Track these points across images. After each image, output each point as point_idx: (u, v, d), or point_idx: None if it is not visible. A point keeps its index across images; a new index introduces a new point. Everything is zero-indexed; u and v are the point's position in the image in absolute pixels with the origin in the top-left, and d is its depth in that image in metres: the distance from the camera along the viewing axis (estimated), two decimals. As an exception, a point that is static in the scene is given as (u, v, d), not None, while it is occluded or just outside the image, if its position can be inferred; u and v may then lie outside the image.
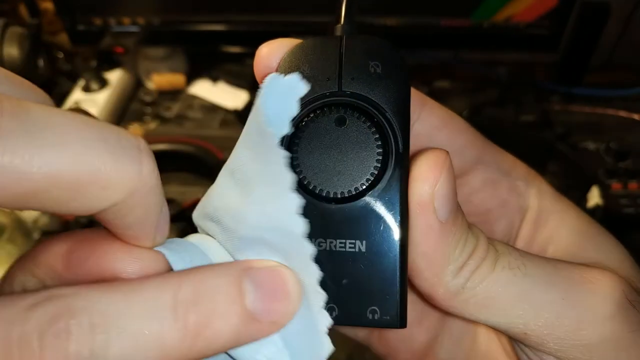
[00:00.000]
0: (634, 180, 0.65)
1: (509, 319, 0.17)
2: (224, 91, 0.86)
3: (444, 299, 0.18)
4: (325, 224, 0.17)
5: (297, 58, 0.18)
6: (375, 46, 0.18)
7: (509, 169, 0.21)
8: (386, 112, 0.17)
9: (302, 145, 0.17)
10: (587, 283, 0.17)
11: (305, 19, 0.72)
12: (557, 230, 0.21)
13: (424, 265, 0.17)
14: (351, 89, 0.17)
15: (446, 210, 0.17)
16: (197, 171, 0.73)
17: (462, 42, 0.75)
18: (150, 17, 0.75)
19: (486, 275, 0.17)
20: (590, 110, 0.81)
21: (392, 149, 0.17)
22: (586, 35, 0.77)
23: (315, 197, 0.17)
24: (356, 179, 0.17)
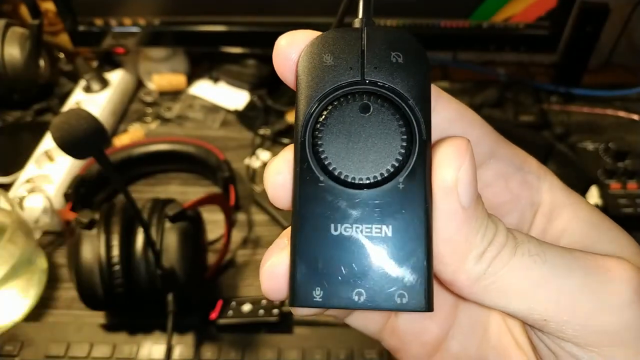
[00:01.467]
0: (633, 180, 0.65)
1: (529, 305, 0.17)
2: (224, 91, 0.87)
3: (466, 285, 0.18)
4: (351, 210, 0.18)
5: (319, 49, 0.18)
6: (396, 37, 0.18)
7: (521, 163, 0.21)
8: (409, 100, 0.18)
9: (326, 132, 0.18)
10: (605, 270, 0.18)
11: (305, 20, 0.73)
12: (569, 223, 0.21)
13: (447, 251, 0.17)
14: (374, 77, 0.18)
15: (469, 196, 0.17)
16: (197, 171, 0.73)
17: (462, 43, 0.75)
18: (151, 17, 0.75)
19: (507, 261, 0.17)
20: (589, 111, 0.81)
21: (416, 135, 0.18)
22: (585, 35, 0.77)
23: (340, 182, 0.18)
24: (381, 164, 0.18)
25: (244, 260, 0.63)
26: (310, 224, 0.18)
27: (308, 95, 0.18)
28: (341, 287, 0.17)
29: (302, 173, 0.18)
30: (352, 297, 0.17)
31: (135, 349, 0.53)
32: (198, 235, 0.55)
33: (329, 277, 0.17)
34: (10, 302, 0.57)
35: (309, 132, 0.18)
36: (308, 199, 0.18)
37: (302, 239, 0.18)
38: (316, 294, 0.17)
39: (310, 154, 0.18)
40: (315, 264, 0.17)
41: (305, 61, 0.18)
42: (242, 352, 0.52)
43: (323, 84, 0.18)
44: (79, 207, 0.61)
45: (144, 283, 0.51)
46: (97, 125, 0.35)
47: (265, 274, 0.19)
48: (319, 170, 0.18)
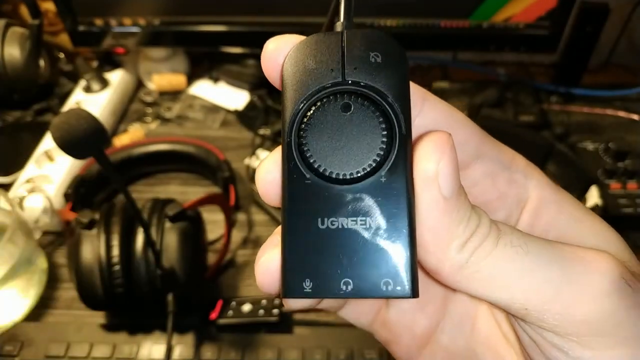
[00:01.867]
0: (633, 180, 0.65)
1: (510, 294, 0.18)
2: (224, 91, 0.87)
3: (449, 273, 0.18)
4: (337, 204, 0.18)
5: (302, 53, 0.19)
6: (374, 38, 0.19)
7: (508, 162, 0.22)
8: (388, 97, 0.18)
9: (311, 132, 0.19)
10: (585, 262, 0.18)
11: (304, 20, 0.73)
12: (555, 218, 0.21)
13: (430, 240, 0.18)
14: (354, 78, 0.19)
15: (450, 187, 0.18)
16: (197, 171, 0.73)
17: (462, 43, 0.75)
18: (151, 17, 0.75)
19: (489, 251, 0.18)
20: (589, 111, 0.81)
21: (396, 131, 0.18)
22: (585, 35, 0.77)
23: (326, 179, 0.19)
24: (364, 160, 0.18)
25: (244, 260, 0.63)
26: (298, 219, 0.19)
27: (293, 98, 0.19)
28: (329, 278, 0.18)
29: (290, 171, 0.19)
30: (340, 286, 0.18)
31: (135, 349, 0.53)
32: (198, 235, 0.55)
33: (317, 269, 0.18)
34: (10, 302, 0.57)
35: (295, 132, 0.19)
36: (296, 195, 0.19)
37: (291, 234, 0.19)
38: (306, 285, 0.18)
39: (297, 153, 0.19)
40: (304, 257, 0.18)
41: (289, 65, 0.19)
42: (242, 352, 0.52)
43: (306, 86, 0.19)
44: (79, 207, 0.61)
45: (144, 283, 0.51)
46: (97, 125, 0.35)
47: (259, 269, 0.19)
48: (305, 168, 0.19)
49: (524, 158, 0.22)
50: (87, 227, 0.51)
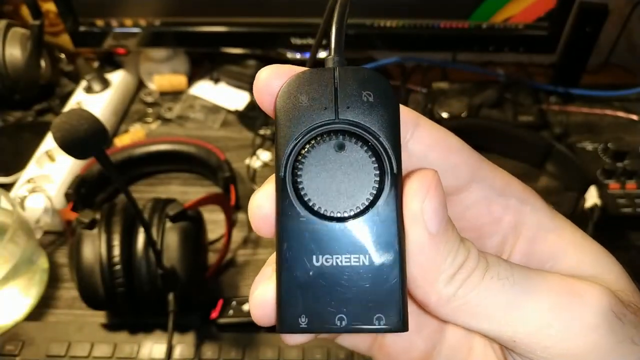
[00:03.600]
0: (632, 180, 0.65)
1: (498, 326, 0.18)
2: (225, 92, 0.87)
3: (437, 306, 0.19)
4: (331, 241, 0.19)
5: (295, 89, 0.19)
6: (366, 76, 0.19)
7: (503, 187, 0.22)
8: (380, 137, 0.19)
9: (305, 170, 0.19)
10: (574, 294, 0.18)
11: (304, 20, 0.73)
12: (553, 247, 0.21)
13: (418, 274, 0.19)
14: (347, 117, 0.19)
15: (435, 223, 0.18)
16: (198, 171, 0.73)
17: (461, 43, 0.75)
18: (152, 18, 0.75)
19: (476, 284, 0.18)
20: (588, 111, 0.82)
21: (388, 170, 0.19)
22: (584, 36, 0.78)
23: (320, 217, 0.19)
24: (357, 198, 0.19)
25: (244, 260, 0.63)
26: (294, 257, 0.19)
27: (287, 135, 0.19)
28: (324, 314, 0.19)
29: (284, 208, 0.19)
30: (335, 322, 0.19)
31: (136, 349, 0.53)
32: (199, 235, 0.55)
33: (312, 305, 0.19)
34: (11, 302, 0.57)
35: (289, 169, 0.19)
36: (290, 232, 0.19)
37: (286, 270, 0.19)
38: (302, 320, 0.19)
39: (291, 190, 0.19)
40: (299, 293, 0.19)
41: (282, 101, 0.19)
42: (243, 351, 0.53)
43: (300, 123, 0.19)
44: (80, 207, 0.62)
45: (145, 283, 0.51)
46: (98, 126, 0.35)
47: (254, 303, 0.20)
48: (299, 206, 0.19)
49: (521, 182, 0.22)
50: (88, 227, 0.51)
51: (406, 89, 0.85)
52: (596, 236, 0.22)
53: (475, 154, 0.21)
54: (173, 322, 0.50)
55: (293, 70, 0.20)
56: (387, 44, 0.75)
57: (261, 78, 0.20)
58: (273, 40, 0.76)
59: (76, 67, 0.85)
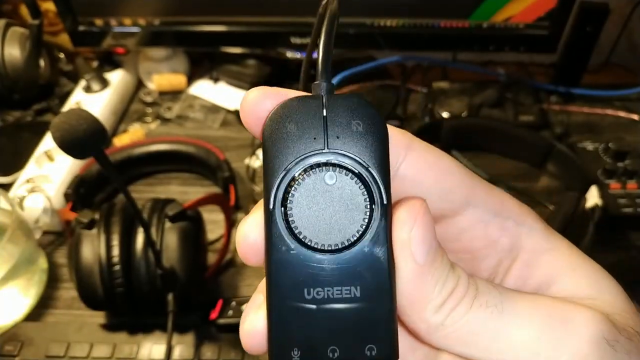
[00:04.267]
0: (633, 180, 0.65)
1: (487, 354, 0.18)
2: (224, 91, 0.87)
3: (427, 334, 0.19)
4: (322, 274, 0.19)
5: (282, 118, 0.19)
6: (355, 105, 0.19)
7: (499, 209, 0.21)
8: (369, 167, 0.19)
9: (295, 202, 0.19)
10: (564, 322, 0.18)
11: (304, 20, 0.73)
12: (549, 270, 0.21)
13: (407, 304, 0.19)
14: (337, 147, 0.19)
15: (423, 253, 0.18)
16: (197, 171, 0.73)
17: (461, 43, 0.75)
18: (151, 18, 0.75)
19: (464, 312, 0.18)
20: (589, 111, 0.81)
21: (377, 201, 0.19)
22: (585, 35, 0.77)
23: (311, 249, 0.19)
24: (347, 230, 0.19)
25: (244, 260, 0.63)
26: (284, 290, 0.19)
27: (275, 165, 0.19)
28: (316, 347, 0.19)
29: (274, 241, 0.19)
30: (327, 354, 0.19)
31: (135, 349, 0.53)
32: (198, 235, 0.55)
33: (304, 338, 0.19)
34: (10, 302, 0.57)
35: (279, 201, 0.19)
36: (280, 265, 0.19)
37: (277, 304, 0.19)
38: (294, 354, 0.19)
39: (281, 223, 0.19)
40: (291, 328, 0.19)
41: (270, 129, 0.19)
42: (242, 351, 0.52)
43: (289, 153, 0.19)
44: (79, 207, 0.61)
45: (144, 283, 0.51)
46: (97, 125, 0.35)
47: (244, 333, 0.20)
48: (290, 238, 0.19)
49: (516, 200, 0.22)
50: (87, 227, 0.51)
51: (406, 88, 0.85)
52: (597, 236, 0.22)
53: (470, 174, 0.21)
54: (172, 323, 0.50)
55: (280, 93, 0.19)
56: (387, 43, 0.75)
57: (247, 100, 0.19)
58: (273, 39, 0.76)
59: (75, 67, 0.85)
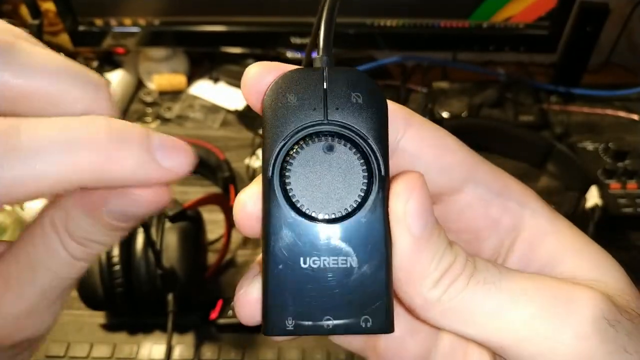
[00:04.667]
0: (633, 180, 0.65)
1: (484, 332, 0.18)
2: (224, 91, 0.87)
3: (423, 310, 0.19)
4: (318, 243, 0.19)
5: (283, 88, 0.19)
6: (355, 78, 0.19)
7: (501, 189, 0.21)
8: (368, 139, 0.19)
9: (293, 171, 0.19)
10: (565, 301, 0.18)
11: (304, 20, 0.73)
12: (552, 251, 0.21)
13: (403, 277, 0.19)
14: (336, 118, 0.19)
15: (419, 226, 0.18)
16: (197, 171, 0.73)
17: (461, 43, 0.75)
18: (151, 18, 0.75)
19: (461, 289, 0.18)
20: (589, 111, 0.81)
21: (375, 172, 0.19)
22: (585, 35, 0.77)
23: (308, 218, 0.19)
24: (345, 200, 0.19)
25: (244, 260, 0.63)
26: (281, 258, 0.19)
27: (274, 135, 0.19)
28: (311, 316, 0.19)
29: (271, 209, 0.19)
30: (322, 324, 0.19)
31: (135, 349, 0.53)
32: (198, 235, 0.55)
33: (299, 307, 0.19)
34: (10, 302, 0.57)
35: (277, 170, 0.19)
36: (278, 234, 0.19)
37: (273, 273, 0.19)
38: (288, 323, 0.19)
39: (279, 191, 0.19)
40: (286, 296, 0.19)
41: (270, 100, 0.19)
42: (242, 352, 0.52)
43: (288, 123, 0.19)
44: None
45: (144, 283, 0.51)
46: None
47: (238, 302, 0.20)
48: (287, 207, 0.19)
49: (520, 183, 0.22)
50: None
51: (406, 88, 0.85)
52: (597, 236, 0.22)
53: (472, 153, 0.21)
54: (172, 323, 0.50)
55: (281, 67, 0.19)
56: (387, 43, 0.75)
57: (249, 75, 0.20)
58: (273, 39, 0.76)
59: (75, 67, 0.84)
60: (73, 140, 0.16)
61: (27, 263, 0.18)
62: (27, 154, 0.15)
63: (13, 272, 0.19)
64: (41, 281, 0.19)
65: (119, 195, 0.17)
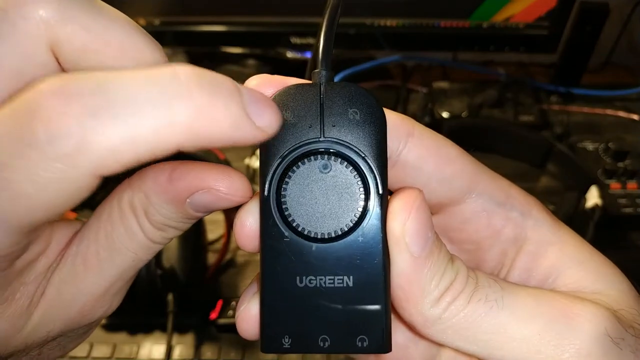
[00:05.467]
0: (633, 180, 0.65)
1: (486, 350, 0.18)
2: (224, 92, 0.87)
3: (423, 328, 0.19)
4: (315, 262, 0.19)
5: (280, 105, 0.19)
6: (352, 93, 0.19)
7: (503, 199, 0.21)
8: (366, 157, 0.19)
9: (290, 190, 0.19)
10: (567, 318, 0.18)
11: (304, 20, 0.73)
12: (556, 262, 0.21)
13: (402, 297, 0.19)
14: (333, 136, 0.19)
15: (418, 245, 0.18)
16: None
17: (462, 43, 0.75)
18: (151, 17, 0.75)
19: (463, 307, 0.18)
20: (589, 111, 0.81)
21: (373, 190, 0.19)
22: (585, 35, 0.77)
23: (304, 237, 0.19)
24: (341, 220, 0.19)
25: (243, 260, 0.63)
26: (277, 277, 0.19)
27: (270, 153, 0.19)
28: (307, 335, 0.19)
29: (268, 228, 0.19)
30: (318, 343, 0.19)
31: (135, 349, 0.53)
32: (198, 236, 0.55)
33: (295, 326, 0.19)
34: (10, 302, 0.57)
35: (273, 189, 0.19)
36: (274, 252, 0.19)
37: (270, 291, 0.19)
38: (285, 341, 0.19)
39: (275, 210, 0.19)
40: (282, 314, 0.19)
41: None
42: (242, 352, 0.52)
43: (285, 141, 0.19)
44: (79, 206, 0.61)
45: (144, 283, 0.51)
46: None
47: (239, 318, 0.20)
48: (283, 226, 0.19)
49: (523, 192, 0.22)
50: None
51: (406, 88, 0.85)
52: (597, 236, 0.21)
53: (474, 163, 0.21)
54: (172, 323, 0.50)
55: (282, 80, 0.19)
56: (387, 43, 0.75)
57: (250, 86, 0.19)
58: (273, 39, 0.76)
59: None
60: (166, 93, 0.14)
61: (106, 243, 0.19)
62: (120, 111, 0.13)
63: (92, 251, 0.19)
64: (120, 261, 0.19)
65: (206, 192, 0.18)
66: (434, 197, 0.20)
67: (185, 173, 0.18)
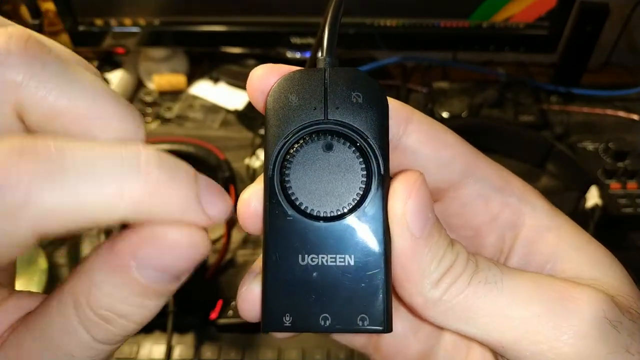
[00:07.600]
0: (633, 180, 0.65)
1: (485, 331, 0.18)
2: (224, 91, 0.87)
3: (424, 309, 0.19)
4: (317, 241, 0.19)
5: (285, 89, 0.19)
6: (356, 77, 0.19)
7: (502, 185, 0.21)
8: (368, 138, 0.19)
9: (293, 169, 0.19)
10: (565, 301, 0.18)
11: (304, 20, 0.73)
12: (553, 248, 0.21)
13: (403, 277, 0.19)
14: (336, 117, 0.19)
15: (419, 226, 0.18)
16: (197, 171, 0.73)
17: (462, 43, 0.75)
18: (151, 17, 0.75)
19: (463, 289, 0.18)
20: (589, 111, 0.81)
21: (375, 171, 0.19)
22: (585, 35, 0.77)
23: (307, 216, 0.19)
24: (343, 199, 0.19)
25: (244, 260, 0.63)
26: (279, 255, 0.19)
27: (275, 134, 0.19)
28: (308, 313, 0.19)
29: (272, 207, 0.19)
30: (319, 321, 0.19)
31: (135, 349, 0.53)
32: (198, 235, 0.55)
33: (297, 305, 0.19)
34: (10, 302, 0.57)
35: (277, 168, 0.19)
36: (277, 231, 0.19)
37: (272, 269, 0.19)
38: (286, 319, 0.19)
39: (279, 189, 0.19)
40: (284, 293, 0.19)
41: (272, 100, 0.20)
42: (242, 352, 0.52)
43: (289, 123, 0.19)
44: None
45: (144, 283, 0.51)
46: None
47: (240, 298, 0.20)
48: (287, 204, 0.19)
49: (520, 179, 0.22)
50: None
51: (406, 88, 0.85)
52: (597, 236, 0.21)
53: (472, 150, 0.21)
54: (172, 323, 0.50)
55: (287, 69, 0.20)
56: (387, 43, 0.75)
57: (255, 76, 0.20)
58: (273, 39, 0.76)
59: (75, 67, 0.84)
60: (122, 167, 0.14)
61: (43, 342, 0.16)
62: (72, 177, 0.13)
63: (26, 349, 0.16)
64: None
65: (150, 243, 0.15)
66: (433, 181, 0.20)
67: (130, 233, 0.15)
